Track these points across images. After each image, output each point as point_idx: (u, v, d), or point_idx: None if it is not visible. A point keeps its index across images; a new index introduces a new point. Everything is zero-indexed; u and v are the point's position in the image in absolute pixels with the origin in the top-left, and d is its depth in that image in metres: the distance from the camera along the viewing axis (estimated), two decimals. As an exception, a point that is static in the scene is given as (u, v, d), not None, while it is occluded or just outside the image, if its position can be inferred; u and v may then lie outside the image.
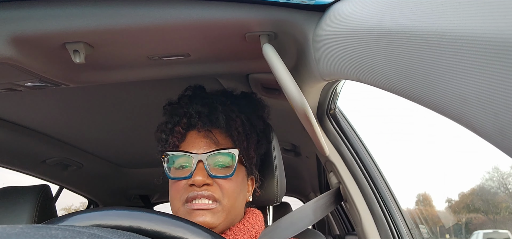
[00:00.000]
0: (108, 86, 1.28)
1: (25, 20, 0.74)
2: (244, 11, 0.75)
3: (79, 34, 0.78)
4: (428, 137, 13.10)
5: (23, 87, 1.00)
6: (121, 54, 0.92)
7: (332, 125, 1.25)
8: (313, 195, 3.26)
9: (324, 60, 0.71)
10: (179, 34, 0.82)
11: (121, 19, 0.75)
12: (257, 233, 0.92)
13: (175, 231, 0.61)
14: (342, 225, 3.34)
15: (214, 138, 0.87)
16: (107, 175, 2.31)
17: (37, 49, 0.82)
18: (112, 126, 1.66)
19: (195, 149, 0.86)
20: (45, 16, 0.74)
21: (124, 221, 0.61)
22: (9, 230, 0.41)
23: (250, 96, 1.01)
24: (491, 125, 0.31)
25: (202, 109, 0.89)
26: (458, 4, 0.33)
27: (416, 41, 0.38)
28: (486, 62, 0.30)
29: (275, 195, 1.02)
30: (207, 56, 0.97)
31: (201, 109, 0.89)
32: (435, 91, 0.37)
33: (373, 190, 1.19)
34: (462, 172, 8.70)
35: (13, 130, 1.52)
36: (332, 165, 1.24)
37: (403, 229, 1.22)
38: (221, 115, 0.88)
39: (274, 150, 1.03)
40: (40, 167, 1.89)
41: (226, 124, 0.88)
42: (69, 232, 0.45)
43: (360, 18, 0.54)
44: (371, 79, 0.53)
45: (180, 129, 0.89)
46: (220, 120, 0.88)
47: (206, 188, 0.83)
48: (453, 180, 7.57)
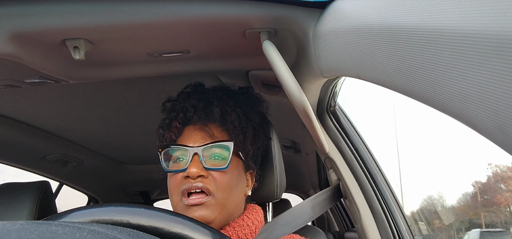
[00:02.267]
0: (108, 83, 1.28)
1: (25, 16, 0.74)
2: (244, 7, 0.75)
3: (79, 31, 0.78)
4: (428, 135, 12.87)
5: (23, 83, 1.00)
6: (121, 51, 0.92)
7: (332, 122, 1.25)
8: (312, 192, 3.26)
9: (324, 57, 0.71)
10: (179, 31, 0.81)
11: (121, 16, 0.75)
12: (257, 229, 0.92)
13: (173, 227, 0.62)
14: (341, 222, 3.34)
15: (210, 131, 0.89)
16: (107, 171, 2.31)
17: (37, 46, 0.82)
18: (112, 122, 1.66)
19: (191, 142, 0.87)
20: (45, 13, 0.74)
21: (124, 217, 0.61)
22: (9, 226, 0.41)
23: (247, 91, 1.02)
24: (491, 122, 0.31)
25: (197, 103, 0.90)
26: (459, 2, 0.33)
27: (416, 39, 0.38)
28: (486, 59, 0.30)
29: (275, 191, 1.02)
30: (207, 53, 0.97)
31: (197, 103, 0.90)
32: (435, 89, 0.37)
33: (373, 187, 1.19)
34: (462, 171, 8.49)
35: (13, 126, 1.52)
36: (331, 162, 1.24)
37: (402, 226, 1.22)
38: (216, 109, 0.89)
39: (274, 146, 1.03)
40: (40, 163, 1.89)
41: (222, 117, 0.89)
42: (69, 228, 0.45)
43: (360, 15, 0.54)
44: (371, 76, 0.53)
45: (177, 123, 0.91)
46: (215, 113, 0.89)
47: (200, 179, 0.84)
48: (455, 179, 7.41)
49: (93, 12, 0.74)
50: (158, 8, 0.74)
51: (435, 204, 16.19)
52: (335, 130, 1.24)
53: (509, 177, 17.20)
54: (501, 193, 15.63)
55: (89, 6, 0.74)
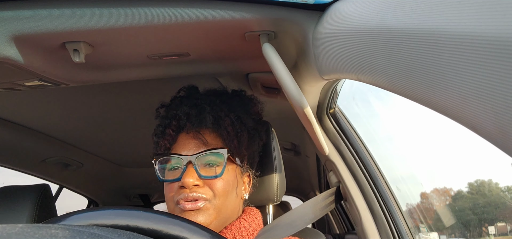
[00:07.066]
0: (108, 86, 1.28)
1: (24, 19, 0.74)
2: (243, 10, 0.75)
3: (79, 34, 0.78)
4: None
5: (23, 86, 1.00)
6: (121, 54, 0.92)
7: (332, 124, 1.25)
8: (313, 194, 3.26)
9: (324, 59, 0.71)
10: (179, 34, 0.81)
11: (121, 19, 0.75)
12: (255, 231, 0.92)
13: (172, 229, 0.62)
14: (342, 224, 3.34)
15: (203, 138, 0.88)
16: (106, 174, 2.31)
17: (37, 49, 0.82)
18: (111, 125, 1.66)
19: (185, 151, 0.87)
20: (44, 16, 0.74)
21: (123, 221, 0.61)
22: (9, 229, 0.41)
23: (241, 93, 1.02)
24: (491, 124, 0.31)
25: (190, 110, 0.90)
26: (458, 3, 0.33)
27: (416, 40, 0.38)
28: (486, 61, 0.30)
29: (275, 194, 1.02)
30: (207, 56, 0.97)
31: (190, 110, 0.90)
32: (435, 90, 0.37)
33: (373, 189, 1.19)
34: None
35: (13, 129, 1.52)
36: (332, 164, 1.24)
37: (403, 228, 1.22)
38: (209, 116, 0.89)
39: (274, 149, 1.03)
40: (40, 166, 1.89)
41: (215, 124, 0.89)
42: (69, 231, 0.45)
43: (360, 18, 0.54)
44: (371, 78, 0.53)
45: (170, 131, 0.91)
46: (208, 120, 0.89)
47: (195, 189, 0.83)
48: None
49: (93, 15, 0.74)
50: (158, 11, 0.75)
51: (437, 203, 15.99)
52: (335, 132, 1.24)
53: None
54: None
55: (89, 9, 0.74)
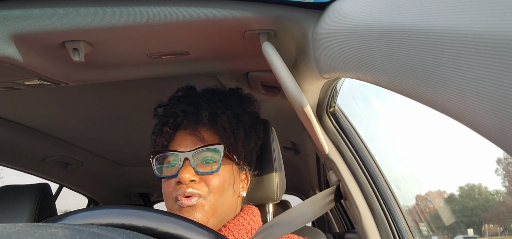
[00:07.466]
0: (108, 85, 1.28)
1: (24, 18, 0.74)
2: (243, 9, 0.75)
3: (79, 33, 0.78)
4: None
5: (22, 86, 1.00)
6: (120, 53, 0.92)
7: (331, 123, 1.25)
8: (313, 193, 3.26)
9: (324, 58, 0.71)
10: (178, 33, 0.81)
11: (120, 18, 0.75)
12: (253, 229, 0.92)
13: (167, 227, 0.62)
14: (342, 223, 3.34)
15: (200, 135, 0.89)
16: (106, 173, 2.31)
17: (37, 48, 0.82)
18: (111, 124, 1.66)
19: (182, 147, 0.88)
20: (44, 15, 0.74)
21: (122, 220, 0.61)
22: (9, 228, 0.41)
23: (237, 92, 1.03)
24: (490, 122, 0.31)
25: (187, 108, 0.91)
26: (458, 2, 0.33)
27: (415, 39, 0.38)
28: (485, 60, 0.30)
29: (275, 193, 1.02)
30: (206, 55, 0.97)
31: (186, 108, 0.91)
32: (435, 89, 0.37)
33: (373, 188, 1.19)
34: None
35: (12, 128, 1.52)
36: (331, 163, 1.24)
37: (403, 226, 1.22)
38: (205, 113, 0.90)
39: (274, 147, 1.03)
40: (40, 165, 1.89)
41: (211, 120, 0.90)
42: (69, 230, 0.45)
43: (360, 16, 0.54)
44: (371, 77, 0.53)
45: (168, 129, 0.91)
46: (204, 117, 0.89)
47: (192, 184, 0.84)
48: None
49: (93, 14, 0.74)
50: (158, 10, 0.75)
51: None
52: (335, 130, 1.24)
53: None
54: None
55: (89, 8, 0.74)
